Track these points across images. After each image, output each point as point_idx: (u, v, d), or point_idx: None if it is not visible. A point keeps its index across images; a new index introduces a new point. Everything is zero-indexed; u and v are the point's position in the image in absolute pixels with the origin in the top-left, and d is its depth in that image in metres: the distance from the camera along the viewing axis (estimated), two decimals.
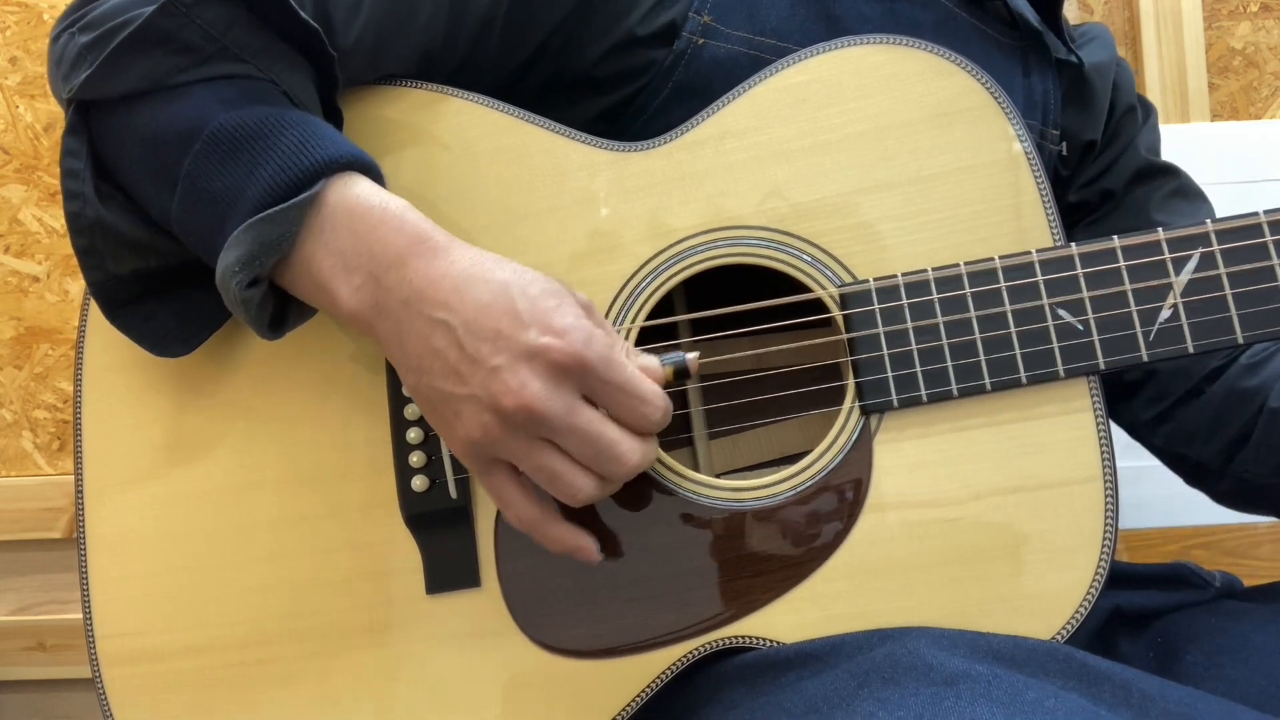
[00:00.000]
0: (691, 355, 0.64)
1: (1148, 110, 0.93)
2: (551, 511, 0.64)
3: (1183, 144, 1.20)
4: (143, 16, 0.62)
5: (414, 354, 0.60)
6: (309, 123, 0.63)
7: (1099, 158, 0.90)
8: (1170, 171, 0.90)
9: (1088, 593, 0.64)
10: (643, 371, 0.62)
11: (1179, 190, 0.89)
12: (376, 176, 0.64)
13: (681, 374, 0.63)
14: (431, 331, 0.59)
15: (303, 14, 0.64)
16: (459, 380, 0.59)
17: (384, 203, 0.62)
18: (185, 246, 0.66)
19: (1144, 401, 0.87)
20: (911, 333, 0.66)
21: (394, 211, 0.61)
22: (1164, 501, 0.92)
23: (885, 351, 0.67)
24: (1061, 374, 0.65)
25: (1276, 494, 0.81)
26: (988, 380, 0.66)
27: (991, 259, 0.66)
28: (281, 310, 0.66)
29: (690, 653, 0.67)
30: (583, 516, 0.68)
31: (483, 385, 0.58)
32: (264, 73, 0.65)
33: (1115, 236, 0.66)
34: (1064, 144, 0.86)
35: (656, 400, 0.60)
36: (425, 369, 0.60)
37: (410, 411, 0.70)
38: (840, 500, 0.66)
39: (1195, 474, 0.87)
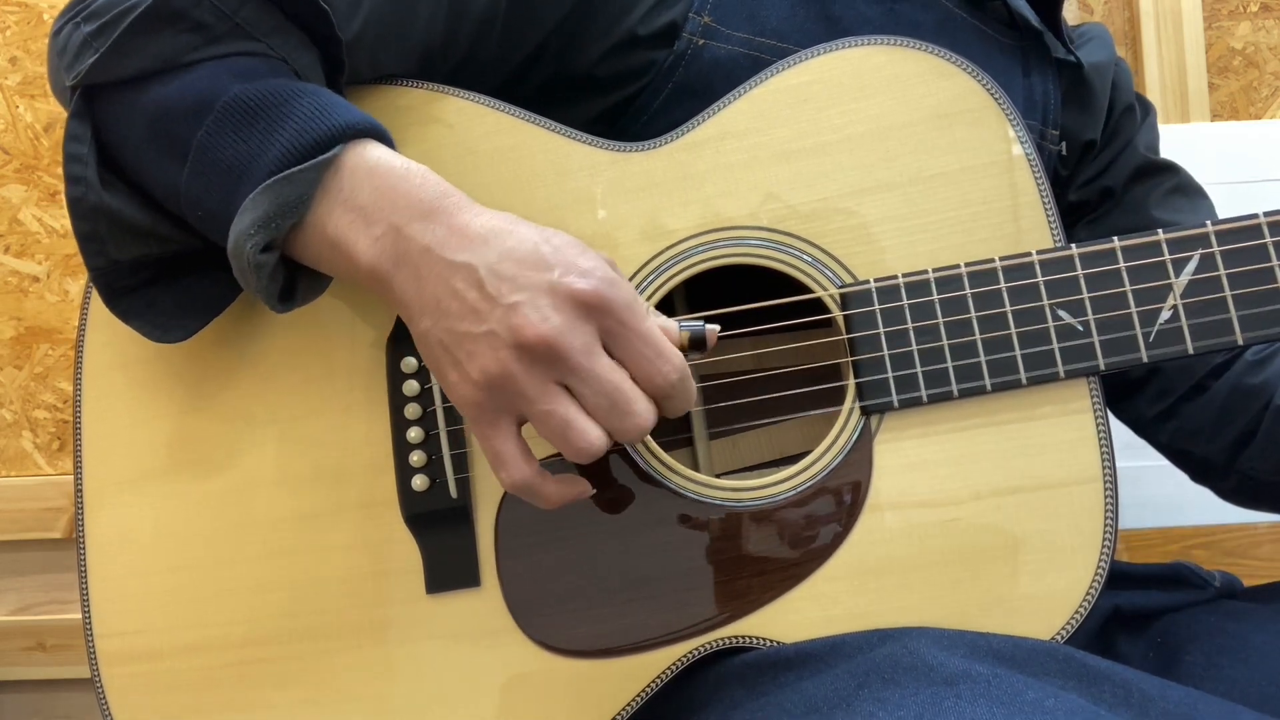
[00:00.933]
0: (712, 326, 0.62)
1: (1146, 109, 0.94)
2: (546, 471, 0.62)
3: (1183, 144, 1.20)
4: None
5: (431, 297, 0.59)
6: (323, 93, 0.64)
7: (1098, 157, 0.90)
8: (1169, 169, 0.90)
9: (1087, 593, 0.64)
10: (661, 327, 0.61)
11: (1178, 187, 0.90)
12: (391, 144, 0.64)
13: (698, 343, 0.62)
14: (453, 274, 0.58)
15: None
16: (477, 318, 0.58)
17: (405, 163, 0.62)
18: (188, 233, 0.66)
19: (1148, 398, 0.86)
20: (912, 333, 0.66)
21: (416, 170, 0.62)
22: (1164, 501, 0.92)
23: (886, 352, 0.67)
24: (1062, 374, 0.65)
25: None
26: (988, 381, 0.66)
27: (992, 259, 0.66)
28: (291, 283, 0.66)
29: (690, 653, 0.67)
30: (582, 515, 0.68)
31: (502, 320, 0.57)
32: (275, 51, 0.65)
33: (1115, 237, 0.66)
34: (1063, 144, 0.86)
35: (675, 359, 0.59)
36: (442, 310, 0.59)
37: (411, 410, 0.70)
38: (840, 500, 0.66)
39: (1201, 471, 0.87)
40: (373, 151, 0.62)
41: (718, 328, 0.63)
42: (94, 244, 0.66)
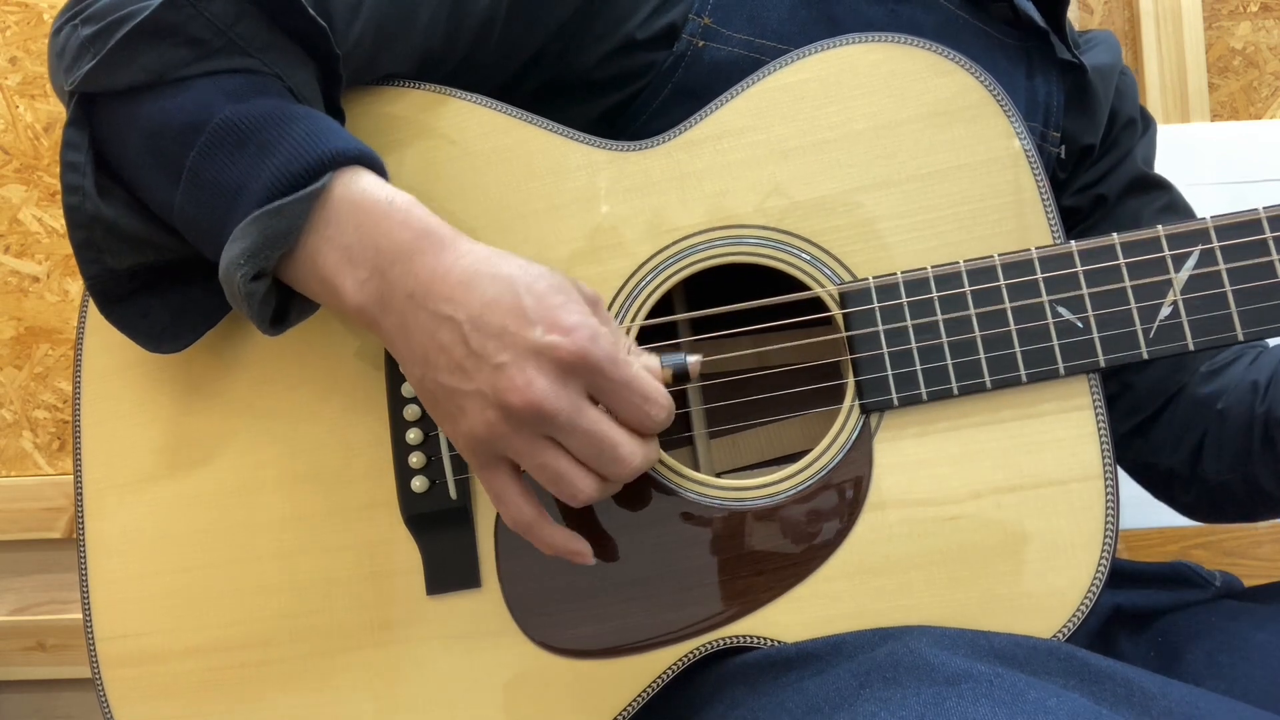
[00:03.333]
0: (693, 358, 0.64)
1: (1147, 123, 0.94)
2: (547, 514, 0.63)
3: (1183, 144, 1.20)
4: (149, 9, 0.62)
5: (419, 348, 0.60)
6: (315, 117, 0.63)
7: (1097, 164, 0.90)
8: (1163, 186, 0.91)
9: (1088, 591, 0.64)
10: (644, 366, 0.62)
11: (1171, 205, 0.91)
12: (381, 172, 0.64)
13: (681, 376, 0.63)
14: (437, 327, 0.59)
15: (310, 10, 0.64)
16: (464, 376, 0.58)
17: (390, 197, 0.62)
18: (184, 243, 0.66)
19: (1118, 416, 0.87)
20: (911, 331, 0.66)
21: (400, 206, 0.61)
22: None
23: (885, 350, 0.67)
24: (1061, 372, 0.65)
25: (1232, 492, 0.82)
26: (988, 378, 0.66)
27: (991, 257, 0.66)
28: (283, 306, 0.66)
29: (691, 652, 0.67)
30: (583, 516, 0.68)
31: (488, 382, 0.57)
32: (270, 68, 0.65)
33: (1115, 234, 0.66)
34: (1063, 146, 0.86)
35: (660, 399, 0.60)
36: (430, 363, 0.59)
37: (410, 412, 0.70)
38: (840, 499, 0.66)
39: (1165, 483, 0.88)
40: (359, 183, 0.62)
41: (699, 359, 0.64)
42: (90, 252, 0.66)
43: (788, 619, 0.66)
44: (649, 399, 0.59)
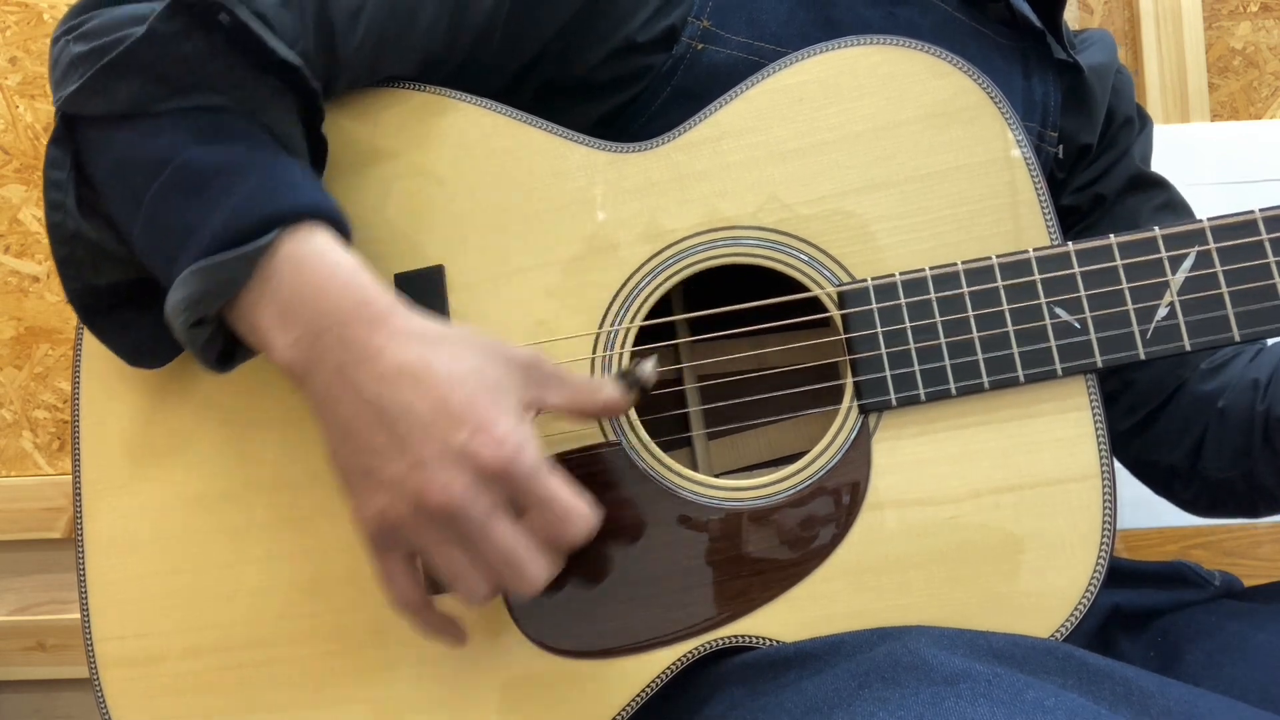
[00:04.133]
0: (648, 362, 0.63)
1: (1144, 121, 0.94)
2: (431, 599, 0.63)
3: (1182, 144, 1.20)
4: (130, 39, 0.61)
5: (339, 421, 0.59)
6: (274, 168, 0.63)
7: (1095, 162, 0.90)
8: (1161, 184, 0.91)
9: (1086, 590, 0.64)
10: (606, 403, 0.63)
11: (1168, 204, 0.91)
12: (340, 225, 0.63)
13: (640, 387, 0.63)
14: (362, 408, 0.58)
15: (281, 51, 0.63)
16: (382, 461, 0.57)
17: (335, 260, 0.61)
18: None
19: (1119, 413, 0.88)
20: (909, 332, 0.66)
21: (343, 269, 0.60)
22: (1164, 501, 0.92)
23: (883, 350, 0.67)
24: (1059, 372, 0.65)
25: (1232, 488, 0.82)
26: (985, 379, 0.66)
27: (989, 258, 0.66)
28: (231, 346, 0.66)
29: (690, 652, 0.67)
30: None
31: (406, 475, 0.56)
32: (241, 105, 0.64)
33: (1112, 235, 0.66)
34: (1060, 146, 0.87)
35: (579, 520, 0.58)
36: (348, 438, 0.58)
37: None
38: (839, 499, 0.66)
39: (1166, 479, 0.88)
40: (309, 242, 0.61)
41: (655, 359, 0.64)
42: (71, 269, 0.67)
43: (786, 619, 0.66)
44: (568, 517, 0.58)
